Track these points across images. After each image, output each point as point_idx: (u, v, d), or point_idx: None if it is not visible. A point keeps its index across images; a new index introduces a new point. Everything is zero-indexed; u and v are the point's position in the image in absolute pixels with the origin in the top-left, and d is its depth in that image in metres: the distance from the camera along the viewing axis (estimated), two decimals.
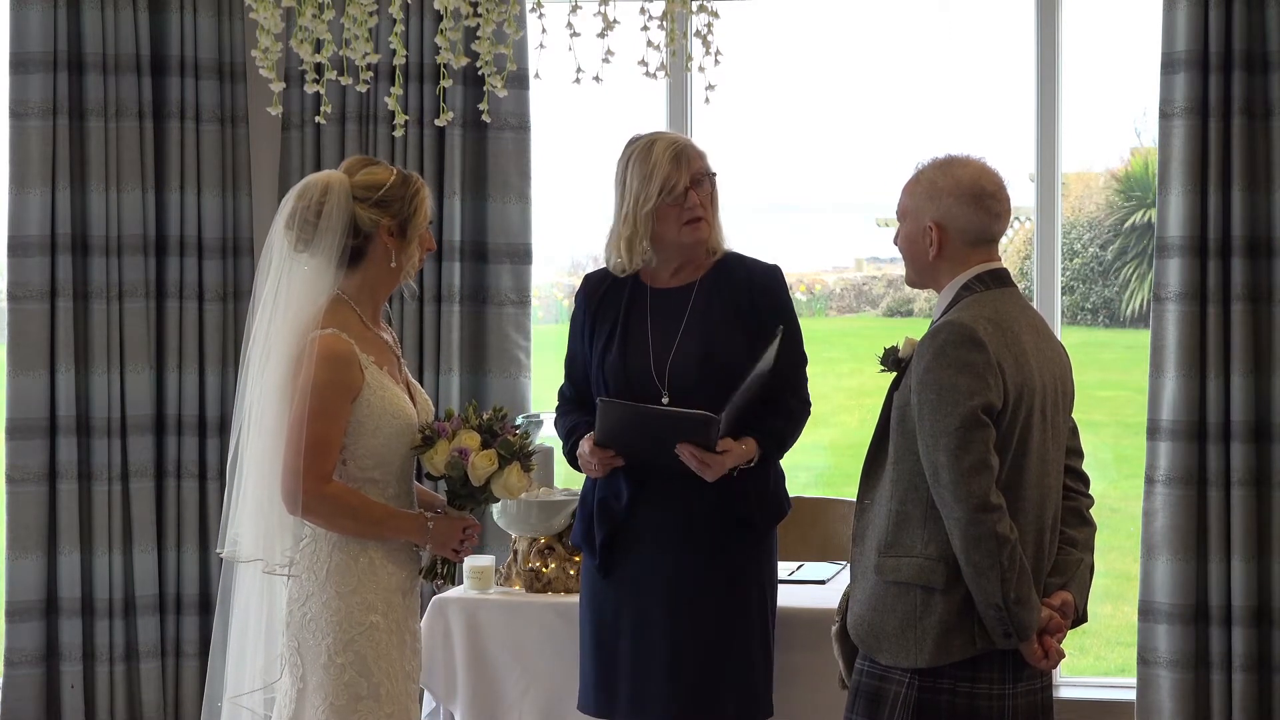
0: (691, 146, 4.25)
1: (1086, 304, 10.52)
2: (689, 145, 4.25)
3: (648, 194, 4.19)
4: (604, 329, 4.32)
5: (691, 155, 4.22)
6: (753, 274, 4.29)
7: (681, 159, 4.20)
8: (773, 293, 4.29)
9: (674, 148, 4.22)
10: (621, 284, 4.33)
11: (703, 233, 4.25)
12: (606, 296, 4.34)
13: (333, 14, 4.19)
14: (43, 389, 5.85)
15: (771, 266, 4.34)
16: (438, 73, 5.55)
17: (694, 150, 4.24)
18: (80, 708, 5.90)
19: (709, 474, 4.12)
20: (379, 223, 3.79)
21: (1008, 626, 3.42)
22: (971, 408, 3.39)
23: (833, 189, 9.95)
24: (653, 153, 4.20)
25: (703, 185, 4.23)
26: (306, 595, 3.76)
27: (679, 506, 4.22)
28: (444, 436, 3.80)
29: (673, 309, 4.28)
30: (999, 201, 3.58)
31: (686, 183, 4.20)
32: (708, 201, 4.24)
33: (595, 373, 4.31)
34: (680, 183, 4.19)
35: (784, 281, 4.34)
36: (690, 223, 4.22)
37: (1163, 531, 5.48)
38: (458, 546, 3.85)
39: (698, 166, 4.23)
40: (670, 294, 4.30)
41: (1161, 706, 5.49)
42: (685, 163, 4.20)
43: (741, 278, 4.27)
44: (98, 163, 5.84)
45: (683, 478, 4.17)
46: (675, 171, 4.20)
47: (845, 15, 8.43)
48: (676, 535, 4.23)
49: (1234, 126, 5.37)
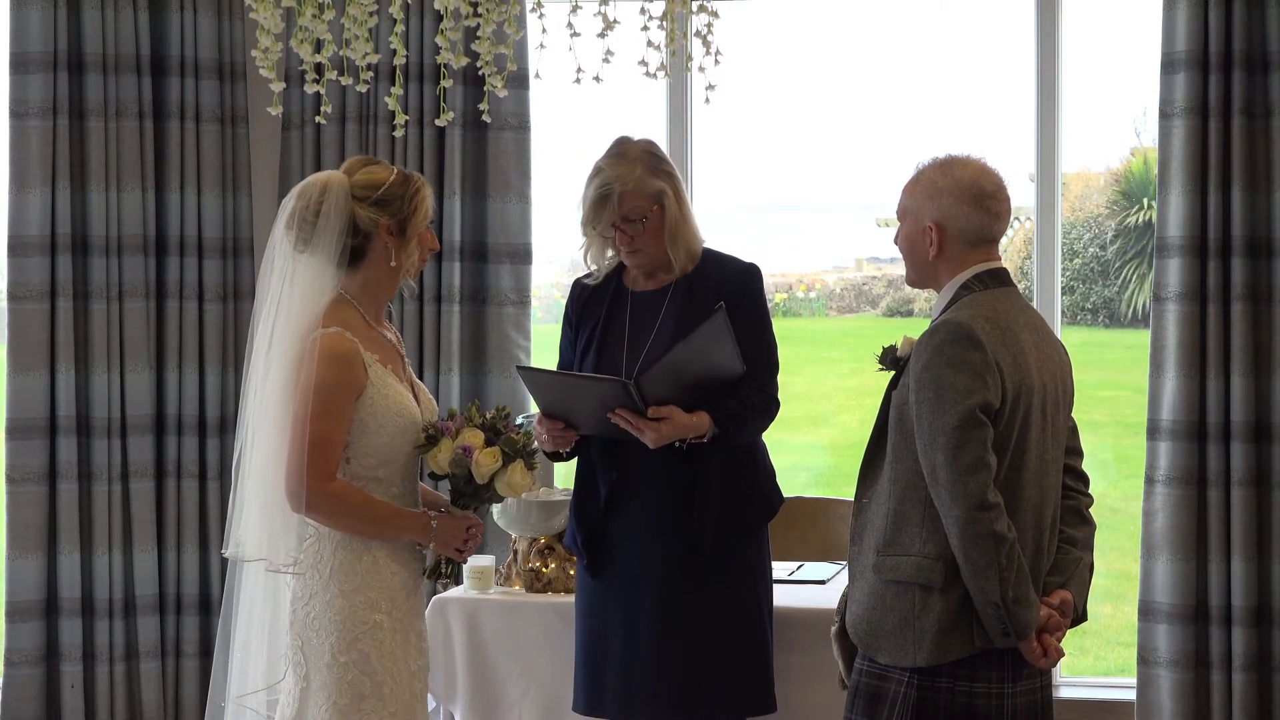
0: (624, 187, 4.18)
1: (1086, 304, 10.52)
2: (619, 188, 4.18)
3: (581, 220, 4.26)
4: (585, 333, 4.34)
5: (620, 197, 4.18)
6: (727, 273, 4.28)
7: (605, 206, 4.20)
8: (746, 291, 4.26)
9: (602, 190, 4.19)
10: (604, 288, 4.35)
11: (640, 261, 4.26)
12: (590, 301, 4.37)
13: (333, 14, 4.19)
14: (43, 389, 5.85)
15: (747, 265, 4.33)
16: (438, 73, 5.56)
17: (626, 189, 4.18)
18: (80, 708, 5.90)
19: (647, 439, 4.09)
20: (378, 222, 3.79)
21: (1006, 625, 3.42)
22: (969, 407, 3.39)
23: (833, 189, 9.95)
24: (589, 186, 4.23)
25: (634, 222, 4.20)
26: (310, 594, 3.76)
27: (662, 504, 4.22)
28: (447, 435, 3.81)
29: (649, 311, 4.29)
30: (999, 201, 3.58)
31: (608, 227, 4.20)
32: (646, 234, 4.21)
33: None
34: (601, 224, 4.21)
35: (759, 280, 4.32)
36: (626, 252, 4.25)
37: (1163, 531, 5.48)
38: (461, 546, 3.85)
39: (630, 206, 4.18)
40: (648, 297, 4.31)
41: (1161, 706, 5.49)
42: (610, 207, 4.19)
43: (715, 276, 4.26)
44: (98, 163, 5.84)
45: (660, 474, 4.18)
46: (596, 213, 4.21)
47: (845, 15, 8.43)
48: (662, 533, 4.23)
49: (1234, 126, 5.37)
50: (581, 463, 4.37)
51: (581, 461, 4.36)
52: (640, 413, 4.07)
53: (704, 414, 4.13)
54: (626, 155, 4.23)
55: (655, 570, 4.24)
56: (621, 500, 4.26)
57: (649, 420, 4.07)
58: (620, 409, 4.07)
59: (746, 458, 4.29)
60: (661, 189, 4.22)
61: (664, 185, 4.22)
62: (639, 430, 4.08)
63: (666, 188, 4.23)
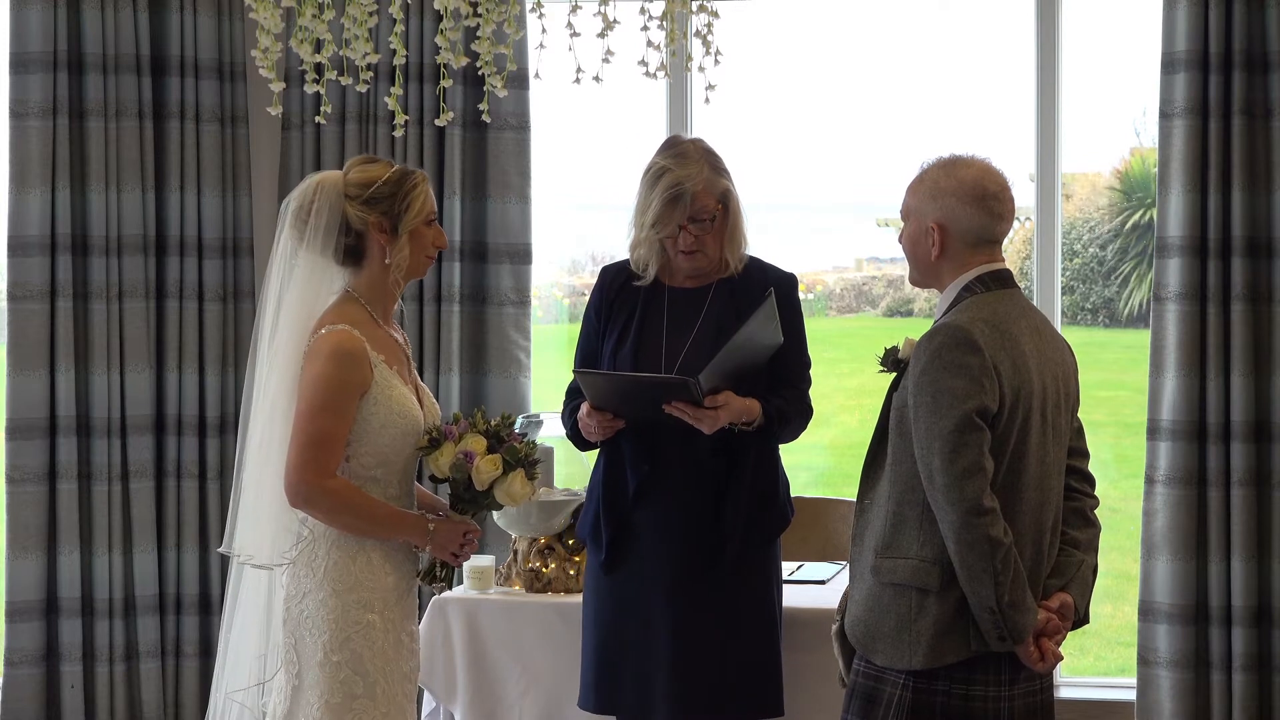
0: (695, 187, 4.18)
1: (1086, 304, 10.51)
2: (691, 187, 4.18)
3: (643, 222, 4.23)
4: (618, 324, 4.32)
5: (692, 197, 4.18)
6: (770, 279, 4.29)
7: (678, 203, 4.18)
8: (788, 298, 4.28)
9: (674, 190, 4.17)
10: (639, 279, 4.34)
11: (698, 262, 4.26)
12: (623, 291, 4.35)
13: (333, 14, 4.19)
14: (43, 389, 5.85)
15: (788, 274, 4.36)
16: (438, 73, 5.56)
17: (698, 189, 4.18)
18: (80, 708, 5.90)
19: (704, 426, 4.10)
20: (368, 220, 3.80)
21: (1002, 630, 3.42)
22: (966, 411, 3.38)
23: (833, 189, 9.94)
24: (656, 186, 4.19)
25: (702, 222, 4.20)
26: (303, 593, 3.76)
27: (690, 502, 4.23)
28: (450, 439, 3.81)
29: (689, 309, 4.28)
30: (1001, 202, 3.57)
31: (678, 225, 4.19)
32: (711, 234, 4.22)
33: (606, 366, 4.31)
34: (670, 226, 4.19)
35: (798, 290, 4.35)
36: (685, 253, 4.23)
37: (1163, 531, 5.48)
38: (457, 550, 3.85)
39: (699, 206, 4.19)
40: (688, 294, 4.30)
41: (1161, 706, 5.49)
42: (682, 207, 4.18)
43: (759, 281, 4.27)
44: (98, 163, 5.84)
45: (692, 471, 4.19)
46: (668, 214, 4.19)
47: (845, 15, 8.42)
48: (686, 533, 4.23)
49: (1234, 126, 5.37)
50: (608, 455, 4.33)
51: (609, 454, 4.33)
52: (698, 403, 4.08)
53: (755, 401, 4.16)
54: (689, 155, 4.22)
55: (676, 570, 4.24)
56: (650, 495, 4.26)
57: (706, 410, 4.08)
58: (677, 401, 4.09)
59: (772, 463, 4.31)
60: (727, 188, 4.24)
61: (729, 185, 4.25)
62: (696, 419, 4.10)
63: (731, 187, 4.25)
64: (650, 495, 4.26)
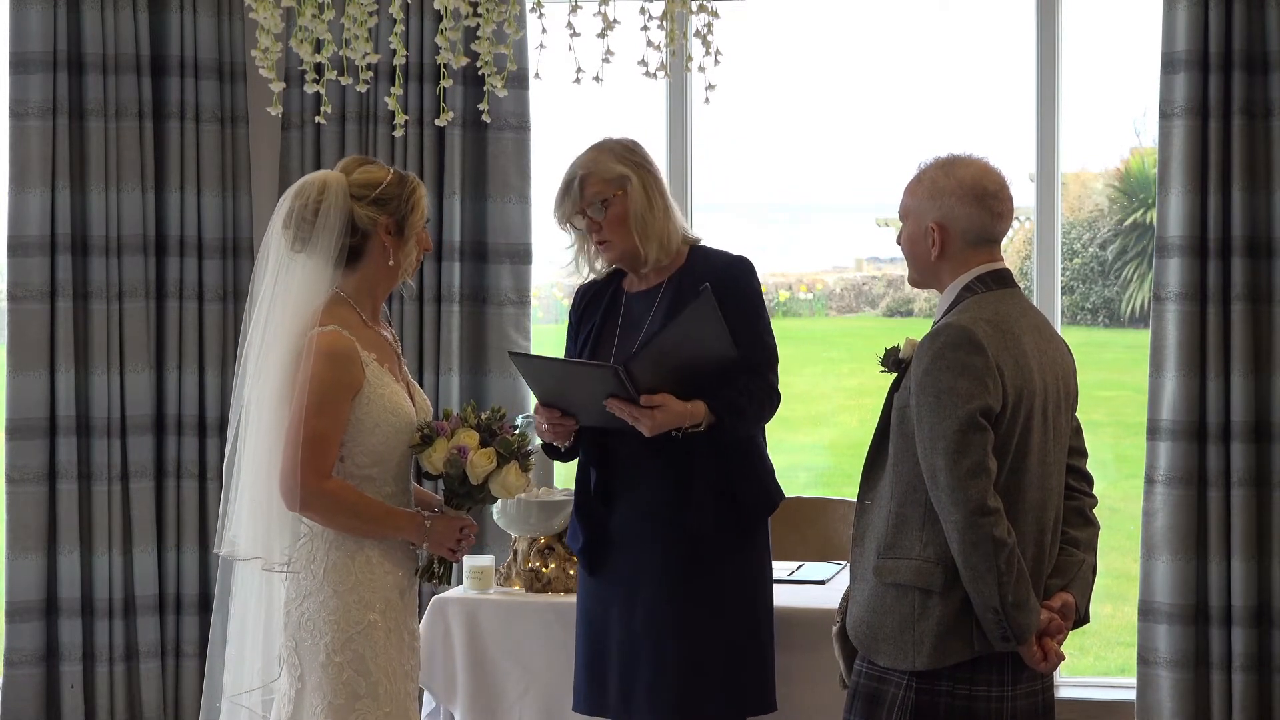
0: (582, 171, 4.21)
1: (1086, 304, 10.52)
2: (579, 172, 4.22)
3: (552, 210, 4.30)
4: (584, 332, 4.35)
5: (580, 182, 4.21)
6: (715, 267, 4.25)
7: (569, 190, 4.23)
8: (736, 283, 4.22)
9: (565, 177, 4.24)
10: (603, 290, 4.36)
11: (608, 253, 4.27)
12: (590, 304, 4.38)
13: (333, 14, 4.20)
14: (42, 389, 5.85)
15: (737, 258, 4.30)
16: (438, 73, 5.55)
17: (585, 174, 4.21)
18: (80, 708, 5.90)
19: (643, 428, 4.07)
20: (376, 221, 3.79)
21: (1005, 630, 3.41)
22: (969, 411, 3.38)
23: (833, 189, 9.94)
24: (562, 177, 4.26)
25: (595, 206, 4.21)
26: (304, 595, 3.76)
27: (655, 501, 4.22)
28: (443, 435, 3.81)
29: (641, 311, 4.29)
30: (1001, 201, 3.57)
31: (574, 215, 4.23)
32: (608, 221, 4.22)
33: None
34: (561, 211, 4.25)
35: (749, 271, 4.29)
36: (597, 244, 4.26)
37: (1163, 531, 5.48)
38: (455, 546, 3.85)
39: (591, 192, 4.20)
40: (641, 297, 4.31)
41: (1161, 706, 5.49)
42: (573, 194, 4.22)
43: (702, 271, 4.23)
44: (98, 163, 5.84)
45: (650, 471, 4.18)
46: (560, 200, 4.25)
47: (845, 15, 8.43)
48: (659, 531, 4.22)
49: (1234, 126, 5.37)
50: (581, 460, 4.36)
51: (581, 458, 4.36)
52: (634, 401, 4.06)
53: (699, 403, 4.12)
54: (599, 147, 4.27)
55: (653, 569, 4.23)
56: (619, 497, 4.26)
57: (644, 409, 4.06)
58: (614, 398, 4.07)
59: (743, 453, 4.27)
60: (625, 175, 4.21)
61: (628, 172, 4.22)
62: (635, 419, 4.07)
63: (631, 175, 4.21)
64: (619, 497, 4.26)
